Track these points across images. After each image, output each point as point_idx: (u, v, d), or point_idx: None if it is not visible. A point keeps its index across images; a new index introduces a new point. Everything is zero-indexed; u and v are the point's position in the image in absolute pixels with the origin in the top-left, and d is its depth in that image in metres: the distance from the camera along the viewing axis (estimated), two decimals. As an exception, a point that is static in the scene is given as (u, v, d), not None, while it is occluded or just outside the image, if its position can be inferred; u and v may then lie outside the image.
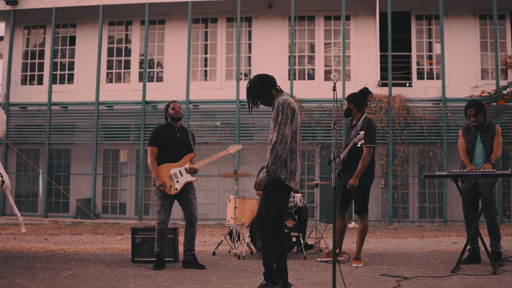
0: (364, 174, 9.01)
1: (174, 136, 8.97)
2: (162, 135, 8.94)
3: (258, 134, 19.92)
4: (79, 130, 21.17)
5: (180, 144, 8.97)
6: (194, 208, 8.87)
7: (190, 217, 8.85)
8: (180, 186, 8.81)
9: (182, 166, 8.89)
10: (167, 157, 8.89)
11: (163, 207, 8.78)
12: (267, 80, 6.91)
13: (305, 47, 21.36)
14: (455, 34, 20.32)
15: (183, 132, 9.10)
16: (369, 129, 8.99)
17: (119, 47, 22.10)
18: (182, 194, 8.86)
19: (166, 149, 8.90)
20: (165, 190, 8.75)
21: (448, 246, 11.86)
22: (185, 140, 9.03)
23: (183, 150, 8.99)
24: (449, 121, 19.16)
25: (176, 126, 9.05)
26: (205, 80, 21.56)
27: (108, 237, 14.46)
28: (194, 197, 8.97)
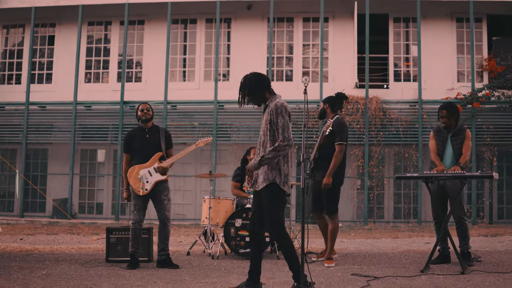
0: (335, 173, 9.15)
1: (144, 138, 9.03)
2: (133, 139, 9.04)
3: (235, 135, 19.94)
4: (56, 130, 21.03)
5: (150, 145, 9.03)
6: (166, 209, 8.93)
7: (162, 218, 8.93)
8: (150, 186, 8.87)
9: (151, 166, 8.95)
10: (137, 159, 9.00)
11: (136, 206, 8.85)
12: (262, 80, 6.96)
13: (284, 48, 21.44)
14: (432, 36, 20.49)
15: (154, 133, 9.14)
16: (340, 127, 9.16)
17: (98, 47, 22.02)
18: (154, 195, 8.93)
19: (137, 152, 9.00)
20: (135, 191, 8.80)
21: (420, 246, 12.00)
22: (155, 140, 9.07)
23: (153, 151, 9.05)
24: (425, 123, 19.29)
25: (146, 127, 9.12)
26: (184, 81, 21.52)
27: (84, 237, 14.48)
28: (167, 198, 9.03)
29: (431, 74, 20.07)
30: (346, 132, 9.31)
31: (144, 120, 9.06)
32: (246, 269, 8.48)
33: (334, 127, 9.20)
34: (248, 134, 19.78)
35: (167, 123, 19.79)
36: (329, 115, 9.58)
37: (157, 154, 9.02)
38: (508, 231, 15.67)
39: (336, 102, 9.58)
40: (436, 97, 19.57)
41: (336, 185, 9.22)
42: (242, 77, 6.96)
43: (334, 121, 9.33)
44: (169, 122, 19.99)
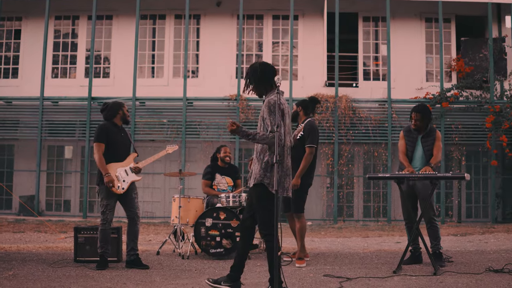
0: (304, 174, 9.14)
1: (120, 135, 8.88)
2: (109, 133, 8.79)
3: (204, 132, 19.79)
4: (23, 125, 20.71)
5: (124, 144, 8.93)
6: (137, 207, 8.82)
7: (132, 216, 8.79)
8: (126, 185, 8.75)
9: (127, 165, 8.84)
10: (113, 156, 8.79)
11: (108, 207, 8.68)
12: (266, 72, 6.81)
13: (253, 45, 21.36)
14: (401, 36, 20.58)
15: (125, 132, 9.06)
16: (311, 130, 9.17)
17: (66, 42, 21.68)
18: (125, 194, 8.80)
19: (112, 148, 8.78)
20: (113, 189, 8.64)
21: (391, 246, 12.00)
22: (127, 140, 9.00)
23: (127, 150, 8.98)
24: (394, 122, 19.35)
25: (120, 125, 8.99)
26: (152, 77, 21.34)
27: (52, 235, 14.24)
28: (136, 196, 8.94)
29: (400, 73, 20.16)
30: (316, 135, 9.33)
31: (127, 122, 9.07)
32: (217, 270, 8.41)
33: (305, 131, 9.24)
34: (218, 131, 19.65)
35: (135, 119, 19.60)
36: (302, 118, 9.62)
37: (133, 154, 8.99)
38: (477, 230, 15.75)
39: (309, 106, 9.61)
40: (405, 96, 19.67)
41: (304, 185, 9.22)
42: (211, 74, 6.86)
43: (306, 125, 9.35)
44: (137, 118, 19.80)
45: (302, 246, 9.23)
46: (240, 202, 10.20)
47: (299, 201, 9.23)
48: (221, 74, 20.53)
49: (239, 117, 19.28)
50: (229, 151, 11.44)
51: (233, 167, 11.59)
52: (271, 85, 6.79)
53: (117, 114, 8.90)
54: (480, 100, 19.32)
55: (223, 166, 11.35)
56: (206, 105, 19.95)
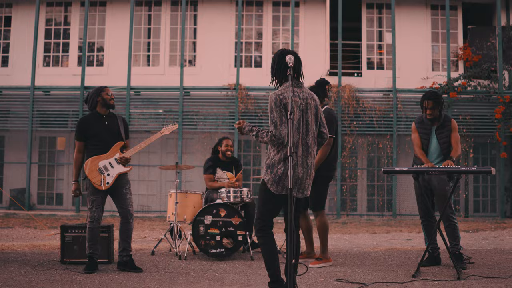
0: (322, 167, 8.32)
1: (103, 125, 8.00)
2: (88, 127, 7.95)
3: (202, 123, 19.20)
4: (13, 116, 20.05)
5: (109, 133, 8.01)
6: (129, 204, 7.97)
7: (125, 214, 7.95)
8: (112, 179, 7.90)
9: (112, 156, 7.96)
10: (95, 149, 7.95)
11: (94, 203, 7.86)
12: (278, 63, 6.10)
13: (253, 33, 20.67)
14: (406, 24, 19.89)
15: (112, 120, 8.14)
16: (327, 119, 8.24)
17: (58, 29, 20.91)
18: (115, 189, 7.95)
19: (94, 141, 7.95)
20: (96, 186, 7.84)
21: (402, 244, 11.30)
22: (114, 128, 8.08)
23: (113, 139, 8.04)
24: (399, 112, 18.76)
25: (104, 113, 8.10)
26: (148, 66, 20.64)
27: (41, 231, 13.56)
28: (129, 192, 8.06)
29: (405, 62, 19.47)
30: (334, 124, 8.46)
31: (110, 105, 8.09)
32: (217, 273, 7.68)
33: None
34: (216, 122, 19.12)
35: (130, 109, 19.02)
36: None
37: (118, 143, 8.02)
38: (487, 225, 15.09)
39: (319, 91, 8.64)
40: (410, 86, 19.08)
41: (323, 179, 8.38)
42: (208, 62, 6.14)
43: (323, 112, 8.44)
44: (132, 109, 19.19)
45: (324, 245, 8.43)
46: (241, 197, 9.44)
47: (318, 196, 8.41)
48: (219, 63, 19.88)
49: (238, 107, 18.71)
50: (231, 144, 10.62)
51: (234, 160, 10.78)
52: (285, 79, 6.06)
53: (97, 102, 8.07)
54: (488, 90, 18.68)
55: (224, 160, 10.56)
56: (203, 94, 19.34)
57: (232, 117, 19.02)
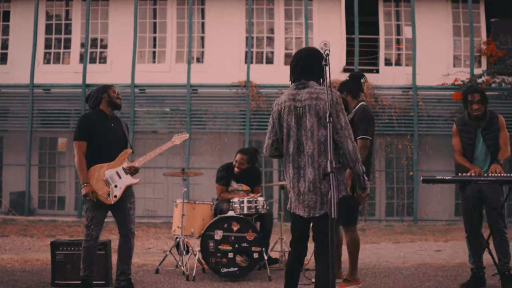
0: None
1: (109, 126, 6.93)
2: (93, 125, 6.86)
3: (211, 122, 18.37)
4: (12, 115, 19.23)
5: (116, 137, 6.95)
6: (131, 221, 6.89)
7: (126, 232, 6.87)
8: (120, 192, 6.81)
9: (120, 165, 6.89)
10: (100, 154, 6.85)
11: (94, 220, 6.75)
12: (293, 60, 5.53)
13: (264, 27, 19.72)
14: (425, 17, 18.84)
15: (117, 122, 7.06)
16: (363, 117, 7.08)
17: (59, 25, 20.02)
18: (119, 203, 6.86)
19: (98, 143, 6.84)
20: (101, 199, 6.76)
21: (433, 257, 10.24)
22: (121, 132, 7.02)
23: (120, 145, 7.00)
24: (420, 111, 17.83)
25: (109, 114, 7.01)
26: (153, 62, 19.79)
27: (37, 240, 12.61)
28: (133, 206, 6.98)
29: (425, 58, 18.46)
30: (371, 123, 7.23)
31: (117, 106, 7.04)
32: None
33: (356, 117, 7.18)
34: (226, 121, 18.30)
35: (135, 108, 18.22)
36: (352, 103, 7.43)
37: (126, 150, 6.97)
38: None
39: (354, 85, 7.45)
40: (431, 83, 18.12)
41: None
42: (217, 58, 5.17)
43: (356, 111, 7.25)
44: (137, 107, 18.43)
45: (354, 266, 7.33)
46: (256, 208, 8.38)
47: (349, 210, 7.09)
48: (229, 59, 18.93)
49: (249, 105, 17.84)
50: (245, 159, 9.34)
51: (252, 171, 9.57)
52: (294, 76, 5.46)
53: (102, 99, 6.99)
54: (514, 87, 17.64)
55: (238, 172, 9.45)
56: (212, 92, 18.49)
57: (242, 116, 18.22)
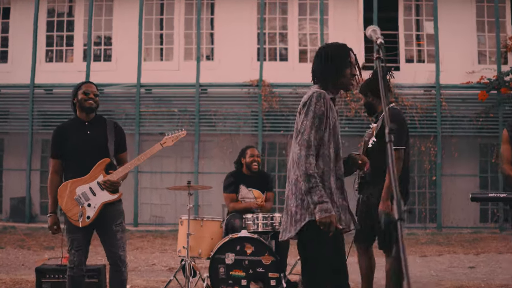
0: None
1: (84, 135, 5.94)
2: (65, 138, 5.92)
3: (221, 123, 17.66)
4: (12, 117, 18.57)
5: (93, 147, 5.92)
6: (121, 246, 5.83)
7: (114, 260, 5.81)
8: (94, 212, 5.77)
9: (94, 179, 5.85)
10: (74, 170, 5.87)
11: (74, 243, 5.75)
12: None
13: (277, 23, 18.93)
14: (447, 12, 17.89)
15: (98, 128, 6.02)
16: (396, 124, 6.05)
17: (61, 21, 19.34)
18: (101, 224, 5.84)
19: (72, 158, 5.88)
20: (71, 221, 5.77)
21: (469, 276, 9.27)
22: (99, 138, 5.98)
23: (97, 155, 5.93)
24: (444, 111, 16.93)
25: (87, 119, 6.01)
26: (160, 60, 19.10)
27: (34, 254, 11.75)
28: (121, 228, 5.92)
29: (448, 54, 17.56)
30: (403, 129, 6.19)
31: (88, 109, 5.97)
32: None
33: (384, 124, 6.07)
34: (237, 123, 17.59)
35: (140, 109, 17.49)
36: (379, 107, 6.37)
37: (102, 161, 5.88)
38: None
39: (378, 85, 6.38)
40: (455, 81, 17.17)
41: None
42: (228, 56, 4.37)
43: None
44: (143, 108, 17.69)
45: None
46: (273, 225, 7.38)
47: (390, 231, 6.07)
48: (240, 56, 18.17)
49: (261, 105, 17.08)
50: (257, 153, 8.52)
51: (263, 175, 8.73)
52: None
53: (75, 105, 6.00)
54: (544, 85, 16.74)
55: (249, 174, 8.49)
56: (222, 92, 17.89)
57: (255, 117, 17.49)
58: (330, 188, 4.46)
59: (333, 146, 4.54)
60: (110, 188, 5.85)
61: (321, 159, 4.48)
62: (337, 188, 4.55)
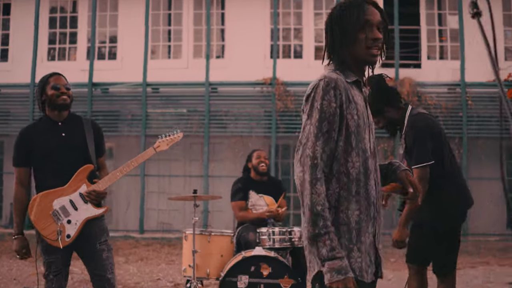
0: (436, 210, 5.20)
1: (58, 138, 5.00)
2: (32, 142, 5.00)
3: (232, 124, 17.23)
4: (13, 118, 18.09)
5: (69, 151, 4.99)
6: (108, 269, 4.90)
7: (101, 284, 4.90)
8: (75, 230, 4.81)
9: (75, 190, 4.91)
10: (46, 179, 4.96)
11: (51, 267, 4.83)
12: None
13: (291, 18, 18.46)
14: (472, 5, 16.97)
15: (74, 128, 5.09)
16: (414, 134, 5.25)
17: (63, 17, 18.92)
18: (82, 243, 4.92)
19: (44, 165, 4.95)
20: (48, 240, 4.81)
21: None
22: (78, 141, 5.06)
23: (76, 160, 5.00)
24: (470, 111, 16.24)
25: (60, 118, 5.07)
26: (168, 58, 18.77)
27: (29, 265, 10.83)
28: (106, 247, 4.98)
29: (472, 51, 16.69)
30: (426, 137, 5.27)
31: (60, 106, 5.01)
32: None
33: (407, 136, 5.33)
34: (249, 124, 17.14)
35: (147, 109, 17.09)
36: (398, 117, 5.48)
37: (83, 168, 4.94)
38: None
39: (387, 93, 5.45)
40: (480, 78, 16.38)
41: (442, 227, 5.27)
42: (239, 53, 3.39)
43: (406, 126, 5.37)
44: (150, 108, 17.34)
45: None
46: (291, 240, 6.43)
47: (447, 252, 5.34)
48: (252, 54, 17.76)
49: (275, 105, 16.56)
50: (264, 155, 7.80)
51: (274, 181, 8.01)
52: None
53: (44, 103, 5.10)
54: None
55: (259, 179, 7.62)
56: (234, 91, 17.48)
57: (268, 118, 16.99)
58: (349, 223, 2.98)
59: (356, 158, 3.05)
60: (96, 201, 4.91)
61: (335, 178, 3.04)
62: (365, 219, 3.04)
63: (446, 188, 5.24)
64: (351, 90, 3.08)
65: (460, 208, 5.40)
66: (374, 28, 3.09)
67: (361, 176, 3.02)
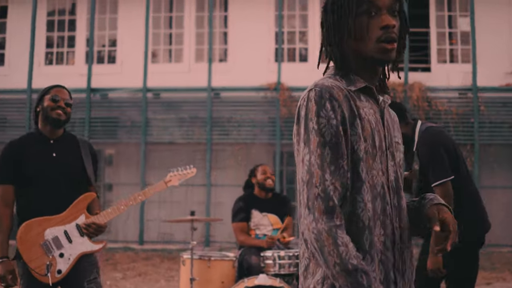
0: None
1: (48, 157, 4.44)
2: (20, 158, 4.40)
3: (235, 131, 17.00)
4: (9, 125, 17.84)
5: (62, 174, 4.43)
6: None
7: None
8: (67, 265, 4.21)
9: (72, 221, 4.37)
10: (35, 203, 4.36)
11: None
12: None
13: (296, 20, 18.25)
14: (483, 7, 16.76)
15: (66, 148, 4.55)
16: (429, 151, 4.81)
17: (62, 20, 18.77)
18: (68, 280, 4.34)
19: (32, 186, 4.38)
20: (36, 276, 4.26)
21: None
22: (71, 162, 4.52)
23: (69, 186, 4.45)
24: (482, 116, 15.87)
25: (52, 136, 4.52)
26: (169, 62, 18.66)
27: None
28: (95, 286, 4.41)
29: (484, 54, 16.52)
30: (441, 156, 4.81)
31: (54, 122, 4.48)
32: None
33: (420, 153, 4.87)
34: (252, 130, 16.86)
35: (147, 116, 16.94)
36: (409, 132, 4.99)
37: (85, 196, 4.39)
38: None
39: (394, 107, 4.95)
40: (492, 83, 16.23)
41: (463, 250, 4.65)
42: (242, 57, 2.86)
43: (418, 143, 4.94)
44: (150, 114, 17.23)
45: None
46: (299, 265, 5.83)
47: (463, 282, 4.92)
48: (256, 58, 17.52)
49: (279, 111, 16.32)
50: (270, 171, 7.07)
51: (280, 197, 7.34)
52: None
53: (38, 114, 4.56)
54: None
55: (263, 196, 7.01)
56: (237, 96, 17.27)
57: (272, 124, 16.73)
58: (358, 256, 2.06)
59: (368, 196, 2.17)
60: (94, 234, 4.35)
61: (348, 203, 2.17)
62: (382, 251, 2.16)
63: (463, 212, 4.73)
64: (356, 100, 2.24)
65: (479, 234, 5.09)
66: (384, 11, 2.22)
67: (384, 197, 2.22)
